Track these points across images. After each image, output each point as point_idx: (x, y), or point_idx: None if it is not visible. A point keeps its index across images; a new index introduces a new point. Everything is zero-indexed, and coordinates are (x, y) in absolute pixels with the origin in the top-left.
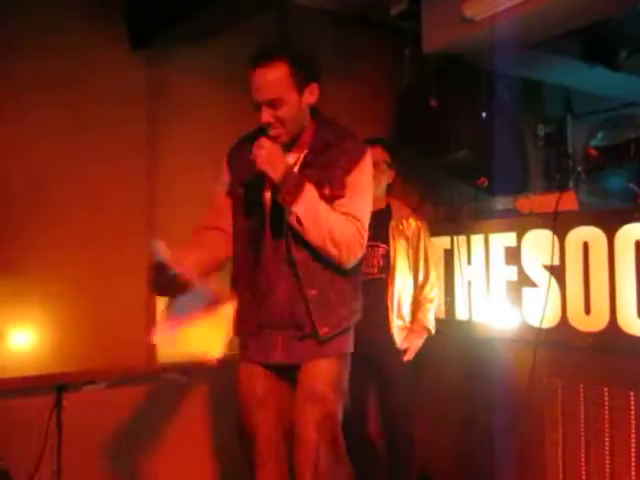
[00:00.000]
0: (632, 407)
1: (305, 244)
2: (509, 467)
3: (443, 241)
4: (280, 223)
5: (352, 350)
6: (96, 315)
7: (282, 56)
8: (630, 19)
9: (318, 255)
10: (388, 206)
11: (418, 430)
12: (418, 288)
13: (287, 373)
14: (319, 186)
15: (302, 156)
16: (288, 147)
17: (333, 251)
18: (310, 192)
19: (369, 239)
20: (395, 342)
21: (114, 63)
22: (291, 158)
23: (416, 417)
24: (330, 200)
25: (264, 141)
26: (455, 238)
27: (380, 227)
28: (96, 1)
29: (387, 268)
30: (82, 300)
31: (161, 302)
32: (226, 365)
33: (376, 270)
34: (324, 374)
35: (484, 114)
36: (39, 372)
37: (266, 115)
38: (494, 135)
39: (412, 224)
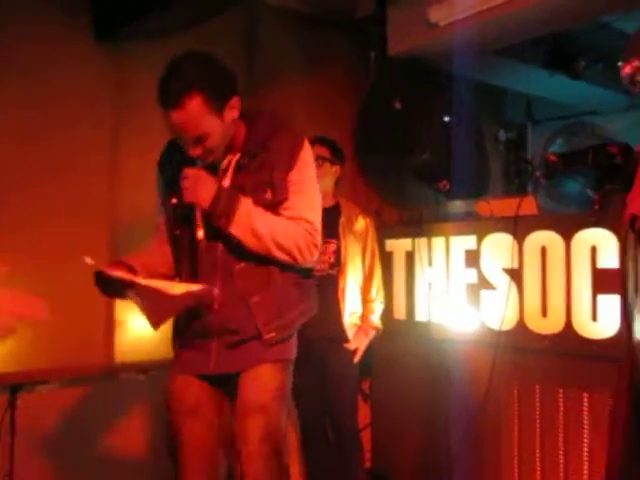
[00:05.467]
0: (585, 408)
1: (244, 254)
2: (466, 466)
3: (404, 243)
4: (214, 234)
5: (295, 355)
6: (52, 313)
7: (192, 91)
8: (590, 30)
9: (259, 261)
10: (337, 204)
11: (375, 429)
12: (365, 285)
13: (222, 385)
14: (259, 191)
15: (234, 160)
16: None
17: (285, 257)
18: (244, 209)
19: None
20: (347, 338)
21: (78, 54)
22: (225, 163)
23: (359, 413)
24: (274, 205)
25: (187, 172)
26: (416, 240)
27: (330, 224)
28: None
29: (338, 264)
30: (37, 297)
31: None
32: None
33: (327, 266)
34: (266, 384)
35: (447, 118)
36: None
37: (196, 150)
38: (456, 139)
39: (361, 222)
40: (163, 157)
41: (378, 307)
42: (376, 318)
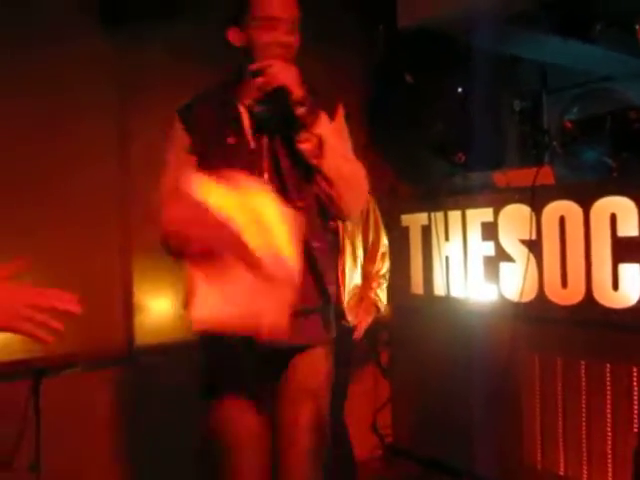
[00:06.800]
0: (608, 378)
1: (307, 192)
2: (488, 439)
3: (420, 217)
4: (277, 167)
5: None
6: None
7: None
8: None
9: (315, 203)
10: None
11: (395, 405)
12: (367, 263)
13: (270, 363)
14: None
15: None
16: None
17: (344, 192)
18: (324, 116)
19: None
20: (347, 319)
21: (81, 35)
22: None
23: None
24: None
25: (271, 60)
26: (432, 214)
27: None
28: None
29: (337, 244)
30: (58, 283)
31: (138, 283)
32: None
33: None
34: (321, 368)
35: (460, 89)
36: (16, 357)
37: (290, 37)
38: (470, 110)
39: None
40: (188, 111)
41: (380, 285)
42: (377, 297)
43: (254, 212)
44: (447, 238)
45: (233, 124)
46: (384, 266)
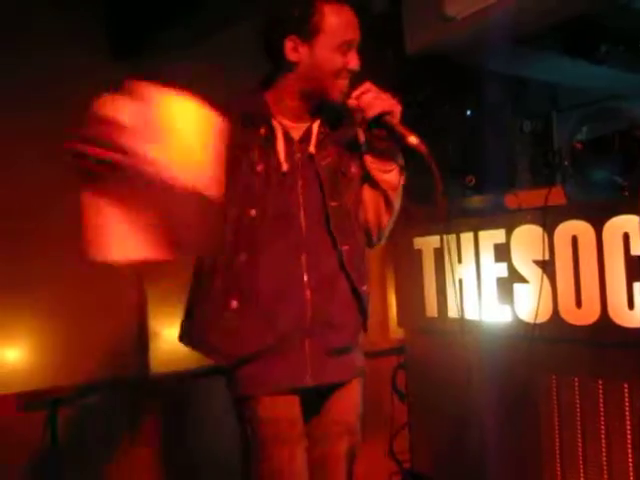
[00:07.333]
0: (626, 398)
1: (353, 227)
2: (505, 463)
3: (433, 240)
4: (320, 201)
5: None
6: (87, 327)
7: None
8: (610, 13)
9: (359, 245)
10: None
11: (413, 429)
12: None
13: (311, 398)
14: (348, 166)
15: (315, 127)
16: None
17: (393, 220)
18: None
19: None
20: None
21: (95, 74)
22: (297, 130)
23: None
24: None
25: (368, 83)
26: (444, 237)
27: None
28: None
29: None
30: (72, 313)
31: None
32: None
33: None
34: (356, 401)
35: (469, 111)
36: (31, 388)
37: (358, 58)
38: (480, 133)
39: None
40: (233, 107)
41: None
42: None
43: (168, 121)
44: (460, 260)
45: (263, 142)
46: None
